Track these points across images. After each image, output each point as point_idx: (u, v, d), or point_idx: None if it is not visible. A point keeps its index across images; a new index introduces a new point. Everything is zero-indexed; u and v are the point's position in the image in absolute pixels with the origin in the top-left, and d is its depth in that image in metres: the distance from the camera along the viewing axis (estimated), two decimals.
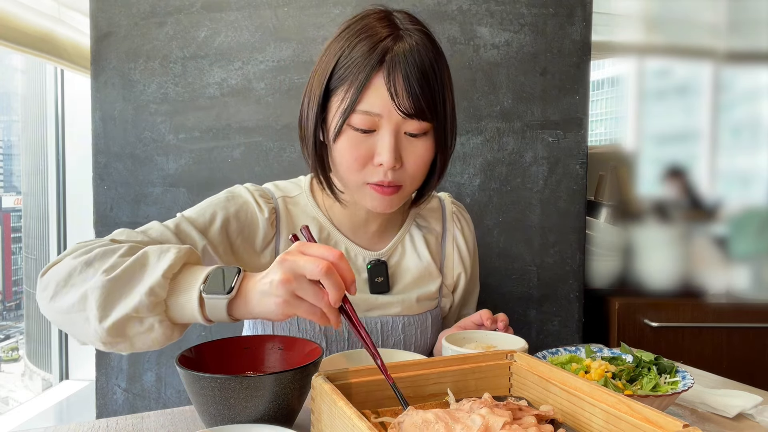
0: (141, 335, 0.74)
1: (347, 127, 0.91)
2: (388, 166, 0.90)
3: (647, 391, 0.82)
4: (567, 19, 1.67)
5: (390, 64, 0.87)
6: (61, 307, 0.76)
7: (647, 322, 1.87)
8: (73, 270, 0.76)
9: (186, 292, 0.73)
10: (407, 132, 0.91)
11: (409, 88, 0.87)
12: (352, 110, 0.89)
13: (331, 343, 1.02)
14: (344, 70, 0.90)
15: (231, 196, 1.01)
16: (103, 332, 0.73)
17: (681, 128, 2.09)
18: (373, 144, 0.91)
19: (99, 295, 0.73)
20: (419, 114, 0.89)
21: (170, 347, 0.75)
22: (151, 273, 0.73)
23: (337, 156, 0.94)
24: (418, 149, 0.93)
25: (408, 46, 0.89)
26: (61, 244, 2.38)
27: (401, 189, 0.94)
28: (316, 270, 0.67)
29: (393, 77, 0.87)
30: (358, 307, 1.03)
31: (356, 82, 0.88)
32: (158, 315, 0.73)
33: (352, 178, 0.94)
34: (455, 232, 1.14)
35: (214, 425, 0.68)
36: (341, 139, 0.92)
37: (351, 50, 0.90)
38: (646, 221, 2.02)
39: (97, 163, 1.67)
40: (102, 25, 1.65)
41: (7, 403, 3.20)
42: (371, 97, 0.88)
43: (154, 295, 0.72)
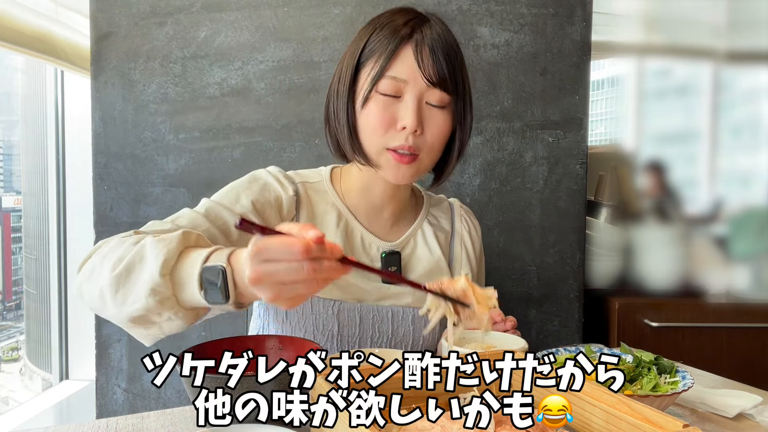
0: (164, 324, 0.78)
1: (375, 93, 0.96)
2: (411, 129, 0.95)
3: (647, 391, 0.82)
4: (567, 19, 1.67)
5: (419, 36, 0.95)
6: (90, 303, 0.83)
7: (647, 322, 1.87)
8: (94, 267, 0.81)
9: (186, 287, 0.75)
10: (429, 102, 0.97)
11: (435, 58, 0.95)
12: (381, 76, 0.95)
13: (343, 327, 1.03)
14: (374, 44, 0.97)
15: (253, 179, 1.04)
16: (130, 324, 0.79)
17: (681, 128, 2.09)
18: (398, 109, 0.96)
19: (110, 291, 0.77)
20: (442, 83, 0.96)
21: (170, 347, 0.75)
22: (147, 270, 0.75)
23: (363, 121, 0.98)
24: (438, 120, 0.98)
25: (433, 26, 0.98)
26: (61, 244, 2.38)
27: (418, 160, 0.98)
28: (301, 277, 0.65)
29: (420, 47, 0.95)
30: (371, 296, 1.05)
31: (386, 52, 0.96)
32: (171, 309, 0.76)
33: (375, 142, 0.97)
34: (463, 233, 1.17)
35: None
36: (369, 105, 0.97)
37: (381, 29, 0.98)
38: (646, 221, 2.02)
39: (97, 163, 1.67)
40: (102, 25, 1.65)
41: (7, 403, 3.20)
42: (399, 64, 0.95)
43: (157, 294, 0.74)
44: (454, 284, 0.79)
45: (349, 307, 1.03)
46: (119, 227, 1.66)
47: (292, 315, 1.03)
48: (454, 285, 0.79)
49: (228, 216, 0.95)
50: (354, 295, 1.04)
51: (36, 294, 2.72)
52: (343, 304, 1.03)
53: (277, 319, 1.05)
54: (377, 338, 1.05)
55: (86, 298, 0.83)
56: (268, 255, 0.65)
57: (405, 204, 1.12)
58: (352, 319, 1.03)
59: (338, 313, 1.03)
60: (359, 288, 1.04)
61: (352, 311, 1.03)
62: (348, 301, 1.04)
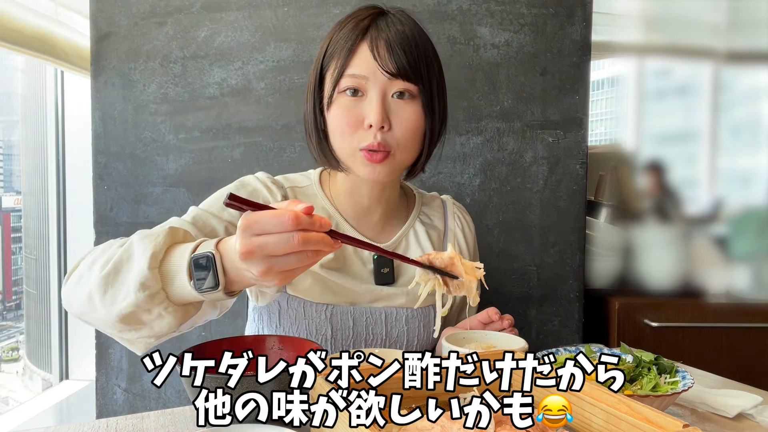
0: (154, 321, 0.77)
1: (338, 94, 0.96)
2: (378, 125, 0.94)
3: (647, 391, 0.82)
4: (567, 19, 1.67)
5: (373, 32, 0.95)
6: (78, 309, 0.82)
7: (647, 322, 1.87)
8: (82, 273, 0.81)
9: (176, 279, 0.75)
10: (394, 94, 0.95)
11: (391, 49, 0.94)
12: (340, 76, 0.95)
13: (336, 331, 1.03)
14: (333, 47, 0.98)
15: (241, 185, 1.04)
16: (117, 324, 0.77)
17: (681, 128, 2.09)
18: (362, 108, 0.95)
19: (99, 292, 0.77)
20: (402, 74, 0.94)
21: (169, 347, 0.75)
22: (136, 266, 0.75)
23: (331, 124, 0.98)
24: (406, 112, 0.96)
25: (390, 20, 0.97)
26: (61, 244, 2.38)
27: (390, 156, 0.97)
28: (291, 247, 0.65)
29: (376, 42, 0.94)
30: (363, 298, 1.05)
31: (343, 50, 0.95)
32: (161, 304, 0.75)
33: (346, 144, 0.97)
34: (456, 230, 1.17)
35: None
36: (333, 107, 0.97)
37: (340, 31, 0.98)
38: (646, 221, 2.02)
39: (97, 163, 1.67)
40: (102, 25, 1.65)
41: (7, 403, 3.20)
42: (356, 60, 0.95)
43: (147, 288, 0.74)
44: (441, 255, 0.80)
45: (342, 311, 1.03)
46: (119, 227, 1.66)
47: (285, 320, 1.03)
48: (441, 256, 0.80)
49: (216, 223, 0.95)
50: (347, 298, 1.04)
51: (36, 294, 2.72)
52: (336, 307, 1.03)
53: (271, 324, 1.05)
54: (371, 340, 1.05)
55: (74, 305, 0.82)
56: (258, 228, 0.65)
57: (395, 204, 1.11)
58: (345, 322, 1.03)
59: (331, 317, 1.02)
60: (352, 291, 1.04)
61: (345, 314, 1.03)
62: (341, 304, 1.03)
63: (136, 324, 0.78)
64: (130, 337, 0.80)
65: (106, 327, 0.80)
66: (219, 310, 0.86)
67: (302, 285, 1.02)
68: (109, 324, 0.79)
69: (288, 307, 1.02)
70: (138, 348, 0.82)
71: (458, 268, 0.79)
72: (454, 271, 0.79)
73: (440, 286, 0.80)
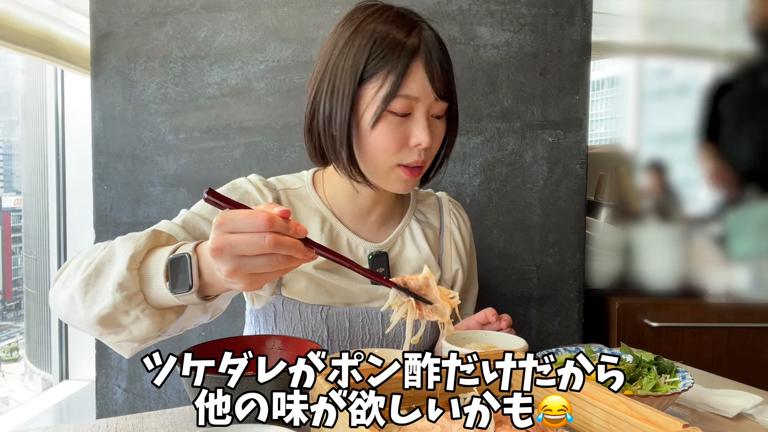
0: (132, 325, 0.77)
1: (386, 113, 0.93)
2: (426, 146, 0.94)
3: (647, 391, 0.82)
4: (567, 19, 1.67)
5: (426, 51, 0.93)
6: (61, 311, 0.82)
7: (647, 322, 1.87)
8: (67, 275, 0.81)
9: (153, 281, 0.75)
10: (433, 114, 0.97)
11: (442, 72, 0.94)
12: (394, 95, 0.92)
13: (333, 333, 1.03)
14: (379, 59, 0.92)
15: (233, 187, 1.04)
16: (96, 326, 0.77)
17: (681, 128, 2.09)
18: (409, 127, 0.95)
19: (80, 294, 0.77)
20: (447, 96, 0.96)
21: (169, 347, 0.75)
22: (116, 266, 0.76)
23: (375, 141, 0.95)
24: (439, 129, 0.99)
25: (430, 34, 0.96)
26: (61, 244, 2.38)
27: (423, 169, 0.99)
28: (262, 248, 0.64)
29: (430, 62, 0.93)
30: (359, 298, 1.04)
31: (397, 68, 0.91)
32: (138, 306, 0.75)
33: (387, 160, 0.96)
34: (452, 227, 1.17)
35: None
36: (381, 124, 0.94)
37: (383, 40, 0.92)
38: (646, 221, 2.02)
39: (97, 163, 1.67)
40: (102, 25, 1.65)
41: (7, 403, 3.20)
42: (411, 81, 0.92)
43: (125, 289, 0.74)
44: (416, 277, 0.78)
45: (338, 312, 1.03)
46: (119, 227, 1.66)
47: (281, 322, 1.03)
48: (417, 278, 0.78)
49: (206, 226, 0.94)
50: (342, 299, 1.04)
51: (36, 294, 2.72)
52: (332, 309, 1.03)
53: (267, 327, 1.05)
54: (368, 341, 1.05)
55: (58, 307, 0.82)
56: (232, 225, 0.65)
57: (391, 205, 1.11)
58: (341, 323, 1.03)
59: (327, 319, 1.02)
60: (347, 291, 1.04)
61: (341, 315, 1.03)
62: (336, 305, 1.03)
63: (114, 327, 0.78)
64: (111, 340, 0.80)
65: (88, 329, 0.80)
66: (211, 313, 0.84)
67: (297, 287, 1.02)
68: (89, 326, 0.78)
69: (283, 309, 1.02)
70: (124, 351, 0.82)
71: (433, 291, 0.77)
72: (429, 293, 0.77)
73: (413, 309, 0.78)
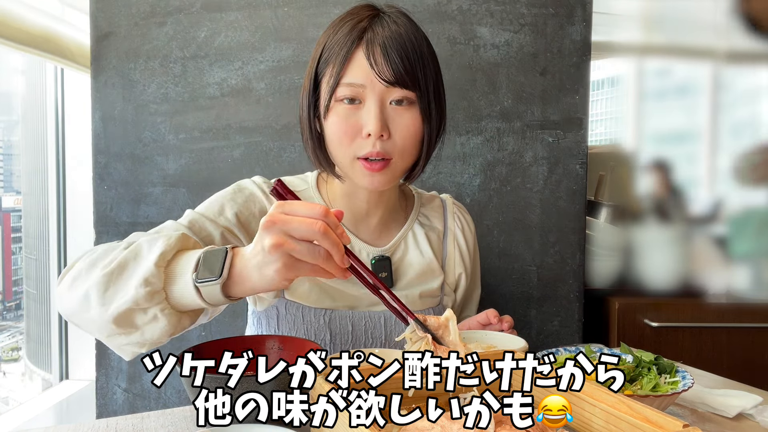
0: (147, 325, 0.76)
1: (335, 102, 0.94)
2: (376, 135, 0.92)
3: (647, 391, 0.82)
4: (567, 19, 1.67)
5: (369, 38, 0.93)
6: (70, 309, 0.80)
7: (647, 322, 1.87)
8: (79, 273, 0.79)
9: (180, 279, 0.74)
10: (392, 101, 0.94)
11: (387, 56, 0.91)
12: (337, 84, 0.93)
13: (335, 336, 1.03)
14: (329, 52, 0.96)
15: (238, 189, 1.03)
16: (109, 324, 0.76)
17: (681, 128, 2.09)
18: (360, 116, 0.94)
19: (98, 290, 0.75)
20: (400, 81, 0.92)
21: (169, 347, 0.75)
22: (144, 263, 0.75)
23: (329, 133, 0.97)
24: (405, 119, 0.95)
25: (386, 22, 0.94)
26: (61, 244, 2.38)
27: (390, 164, 0.96)
28: (311, 231, 0.67)
29: (372, 48, 0.92)
30: (362, 302, 1.04)
31: (339, 58, 0.93)
32: (159, 304, 0.75)
33: (343, 152, 0.96)
34: (456, 231, 1.16)
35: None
36: (330, 115, 0.95)
37: (335, 35, 0.96)
38: (646, 221, 2.02)
39: (97, 163, 1.67)
40: (102, 25, 1.65)
41: (7, 403, 3.20)
42: (353, 69, 0.93)
43: (149, 285, 0.74)
44: (437, 318, 0.77)
45: (341, 315, 1.03)
46: (119, 227, 1.66)
47: (283, 325, 1.03)
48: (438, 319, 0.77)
49: (212, 228, 0.94)
50: (345, 302, 1.04)
51: (36, 294, 2.72)
52: (335, 312, 1.02)
53: (269, 329, 1.05)
54: (370, 344, 1.04)
55: (66, 305, 0.80)
56: (290, 208, 0.69)
57: (393, 207, 1.10)
58: (344, 327, 1.03)
59: (330, 322, 1.02)
60: (350, 295, 1.04)
61: (344, 319, 1.03)
62: (339, 309, 1.03)
63: (128, 327, 0.76)
64: (119, 342, 0.79)
65: (97, 329, 0.78)
66: (210, 314, 0.84)
67: (300, 290, 1.02)
68: (101, 325, 0.77)
69: (286, 312, 1.02)
70: (125, 354, 0.81)
71: (451, 334, 0.76)
72: (446, 335, 0.76)
73: (428, 345, 0.76)
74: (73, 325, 0.82)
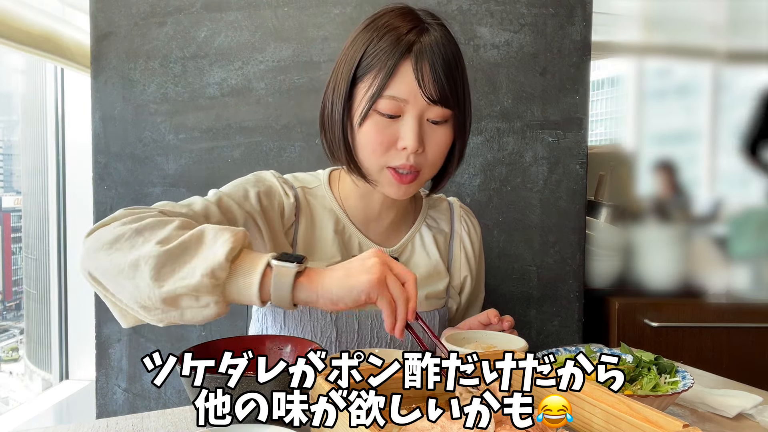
0: (194, 310, 0.76)
1: (373, 112, 0.93)
2: (412, 150, 0.93)
3: (647, 391, 0.82)
4: (567, 19, 1.67)
5: (417, 53, 0.91)
6: (106, 269, 0.77)
7: (647, 322, 1.87)
8: (121, 235, 0.77)
9: (248, 275, 0.75)
10: (430, 119, 0.94)
11: (435, 75, 0.91)
12: (379, 95, 0.92)
13: (341, 334, 1.03)
14: (372, 58, 0.93)
15: (258, 178, 1.03)
16: (158, 300, 0.75)
17: (681, 128, 2.09)
18: (397, 129, 0.93)
19: (154, 264, 0.74)
20: (443, 101, 0.92)
21: (169, 347, 0.75)
22: (210, 253, 0.75)
23: (362, 140, 0.95)
24: (439, 136, 0.95)
25: (433, 38, 0.93)
26: (61, 244, 2.38)
27: (419, 176, 0.97)
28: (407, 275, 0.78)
29: (420, 65, 0.91)
30: None
31: (384, 69, 0.91)
32: (216, 296, 0.75)
33: (375, 161, 0.96)
34: (463, 234, 1.16)
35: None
36: (367, 123, 0.94)
37: (379, 40, 0.93)
38: (646, 221, 2.02)
39: (97, 163, 1.67)
40: (102, 25, 1.65)
41: (7, 403, 3.20)
42: (398, 83, 0.91)
43: (215, 277, 0.74)
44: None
45: (347, 314, 1.03)
46: None
47: (290, 321, 1.03)
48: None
49: (237, 210, 0.95)
50: None
51: (36, 294, 2.72)
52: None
53: (275, 326, 1.05)
54: (375, 344, 1.05)
55: (101, 264, 0.77)
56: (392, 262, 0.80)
57: (404, 210, 1.11)
58: (350, 325, 1.03)
59: (336, 320, 1.02)
60: None
61: (351, 317, 1.03)
62: None
63: (172, 306, 0.76)
64: (146, 313, 0.77)
65: (135, 297, 0.76)
66: None
67: None
68: (144, 296, 0.75)
69: None
70: (128, 322, 0.80)
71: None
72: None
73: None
74: (92, 280, 0.79)
